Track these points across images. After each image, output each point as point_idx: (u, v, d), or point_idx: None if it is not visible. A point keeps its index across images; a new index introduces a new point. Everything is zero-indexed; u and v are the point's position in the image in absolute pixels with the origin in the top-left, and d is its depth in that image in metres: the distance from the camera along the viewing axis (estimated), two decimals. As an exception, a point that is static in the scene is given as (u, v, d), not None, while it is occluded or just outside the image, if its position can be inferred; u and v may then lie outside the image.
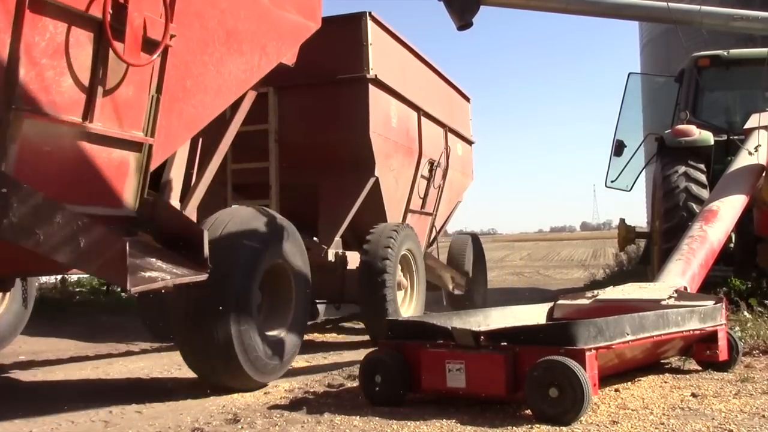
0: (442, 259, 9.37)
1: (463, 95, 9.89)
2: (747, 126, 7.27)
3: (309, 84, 6.64)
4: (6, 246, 3.14)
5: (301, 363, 5.61)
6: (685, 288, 4.99)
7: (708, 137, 7.54)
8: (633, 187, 9.52)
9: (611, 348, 3.62)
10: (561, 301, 5.02)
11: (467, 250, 9.85)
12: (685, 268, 5.29)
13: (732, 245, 6.95)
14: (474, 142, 10.19)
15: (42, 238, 3.07)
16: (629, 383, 4.20)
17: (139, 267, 3.50)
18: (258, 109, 5.96)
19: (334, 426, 3.41)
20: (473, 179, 10.35)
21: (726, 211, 6.05)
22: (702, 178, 7.24)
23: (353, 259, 6.78)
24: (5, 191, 2.95)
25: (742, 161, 6.77)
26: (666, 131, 7.89)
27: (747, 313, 5.92)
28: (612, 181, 9.43)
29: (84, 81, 3.50)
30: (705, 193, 6.97)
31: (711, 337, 4.48)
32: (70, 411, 4.01)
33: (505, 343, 3.56)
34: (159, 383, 5.00)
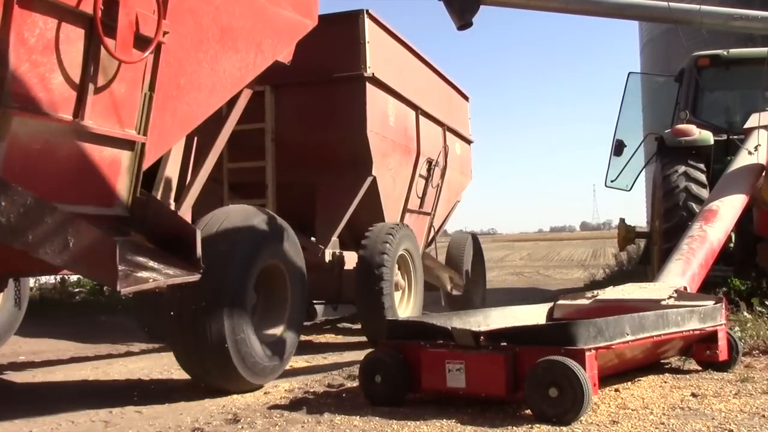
0: (440, 259, 9.33)
1: (462, 94, 9.84)
2: (747, 125, 7.27)
3: (306, 82, 6.59)
4: (-5, 245, 3.09)
5: (301, 363, 5.60)
6: (685, 288, 4.98)
7: (708, 137, 7.53)
8: (633, 187, 9.52)
9: (611, 348, 3.61)
10: (561, 302, 5.02)
11: (466, 249, 9.77)
12: (685, 268, 5.28)
13: (732, 245, 6.94)
14: (473, 141, 10.15)
15: (31, 238, 3.02)
16: (629, 383, 4.18)
17: (130, 267, 3.45)
18: (254, 108, 5.93)
19: (334, 426, 3.40)
20: (472, 178, 10.32)
21: (726, 211, 6.03)
22: (702, 177, 7.23)
23: (350, 259, 6.73)
24: (-6, 190, 2.90)
25: (741, 161, 6.76)
26: (666, 131, 7.87)
27: (747, 313, 5.92)
28: (612, 181, 9.42)
29: (75, 78, 3.44)
30: (705, 193, 6.96)
31: (711, 337, 4.48)
32: (70, 411, 3.98)
33: (505, 343, 3.55)
34: (159, 383, 4.97)
